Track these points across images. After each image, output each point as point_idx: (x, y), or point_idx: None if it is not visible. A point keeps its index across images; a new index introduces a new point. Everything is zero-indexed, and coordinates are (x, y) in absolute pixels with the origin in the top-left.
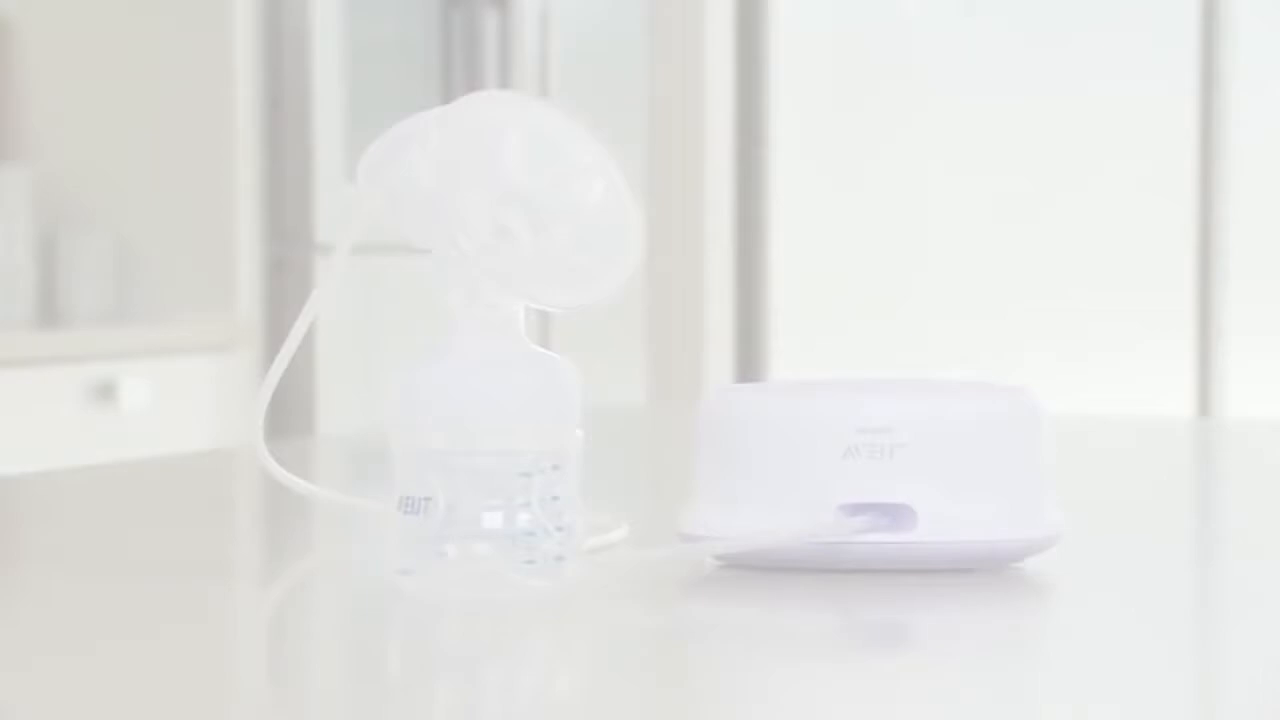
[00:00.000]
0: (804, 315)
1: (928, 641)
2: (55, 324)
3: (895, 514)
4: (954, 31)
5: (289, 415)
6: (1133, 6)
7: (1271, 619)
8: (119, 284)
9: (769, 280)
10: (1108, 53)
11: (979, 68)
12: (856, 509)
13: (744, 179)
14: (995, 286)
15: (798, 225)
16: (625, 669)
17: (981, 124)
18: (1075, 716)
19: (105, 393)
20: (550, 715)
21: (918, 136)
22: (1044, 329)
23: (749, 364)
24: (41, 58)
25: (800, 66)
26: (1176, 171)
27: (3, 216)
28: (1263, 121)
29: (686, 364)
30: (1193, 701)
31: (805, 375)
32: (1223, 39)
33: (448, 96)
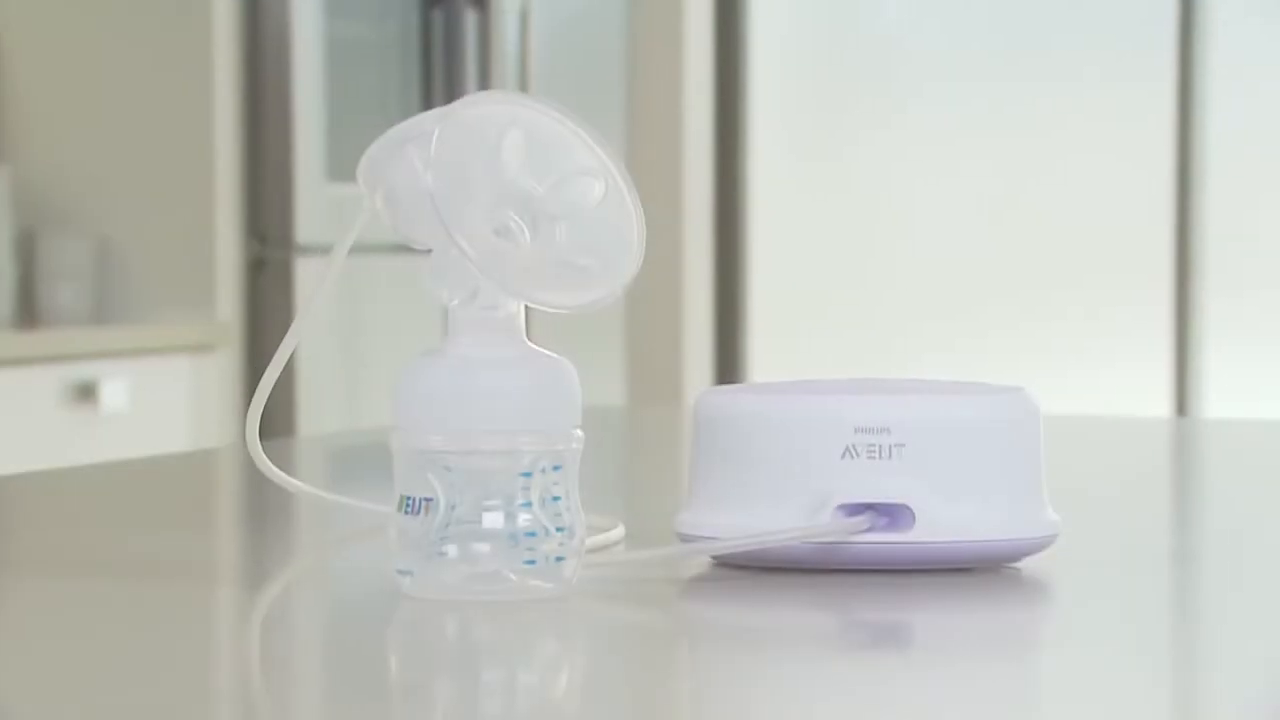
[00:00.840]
0: (782, 317)
1: (926, 641)
2: (35, 324)
3: (893, 514)
4: (932, 35)
5: (270, 417)
6: (1112, 10)
7: (1266, 617)
8: (98, 284)
9: (748, 281)
10: (1086, 56)
11: (957, 71)
12: (854, 509)
13: (723, 179)
14: (974, 288)
15: (777, 225)
16: (625, 669)
17: (960, 126)
18: (1073, 716)
19: (85, 393)
20: (550, 716)
21: (897, 139)
22: (1021, 330)
23: (727, 365)
24: (21, 58)
25: (780, 67)
26: (1154, 175)
27: None
28: (1240, 127)
29: (665, 365)
30: (1191, 700)
31: (800, 375)
32: (1201, 45)
33: (427, 96)
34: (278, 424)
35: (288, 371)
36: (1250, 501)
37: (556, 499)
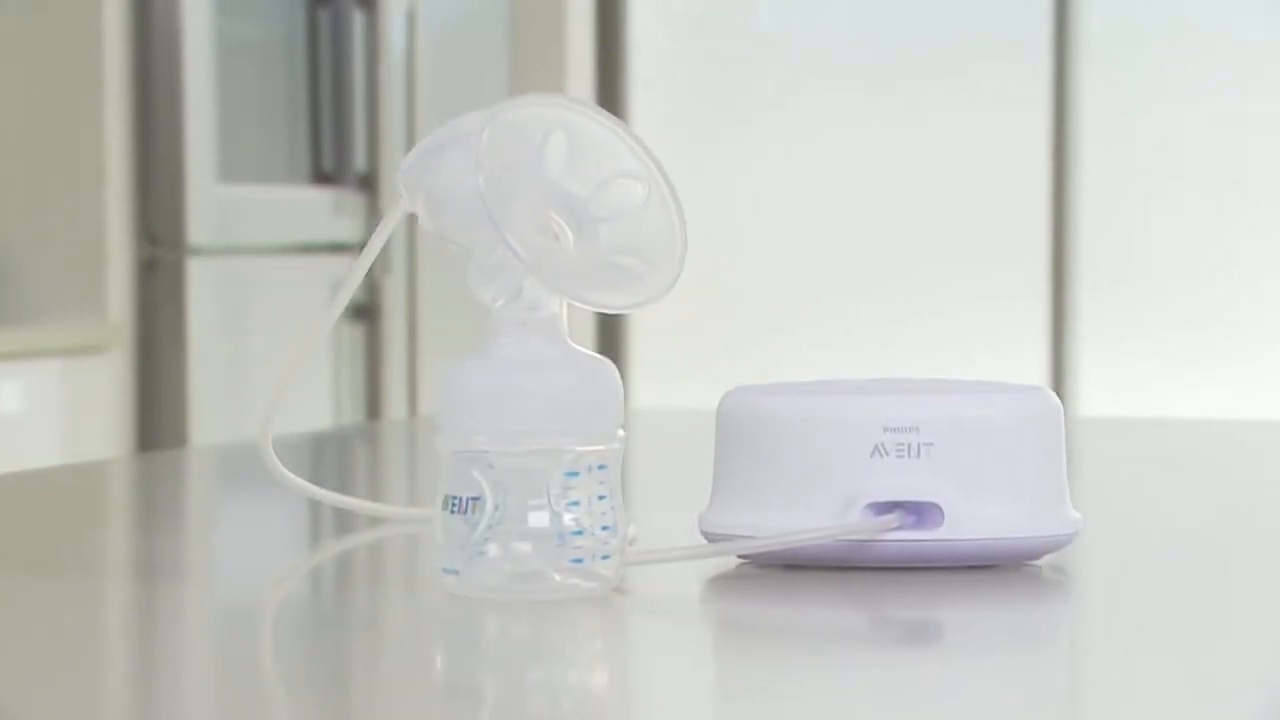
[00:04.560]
0: (661, 315)
1: (955, 637)
2: None
3: (921, 512)
4: (808, 32)
5: (160, 426)
6: (987, 6)
7: None
8: None
9: None
10: (962, 52)
11: (834, 68)
12: (883, 507)
13: None
14: (850, 284)
15: None
16: (658, 667)
17: (837, 123)
18: (1097, 709)
19: None
20: (586, 713)
21: (774, 138)
22: (898, 326)
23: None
24: None
25: (659, 66)
26: (1029, 171)
27: None
28: (1116, 122)
29: None
30: (1211, 695)
31: (681, 374)
32: (1076, 41)
33: (314, 96)
34: (168, 433)
35: (179, 381)
36: (1251, 500)
37: (602, 498)
